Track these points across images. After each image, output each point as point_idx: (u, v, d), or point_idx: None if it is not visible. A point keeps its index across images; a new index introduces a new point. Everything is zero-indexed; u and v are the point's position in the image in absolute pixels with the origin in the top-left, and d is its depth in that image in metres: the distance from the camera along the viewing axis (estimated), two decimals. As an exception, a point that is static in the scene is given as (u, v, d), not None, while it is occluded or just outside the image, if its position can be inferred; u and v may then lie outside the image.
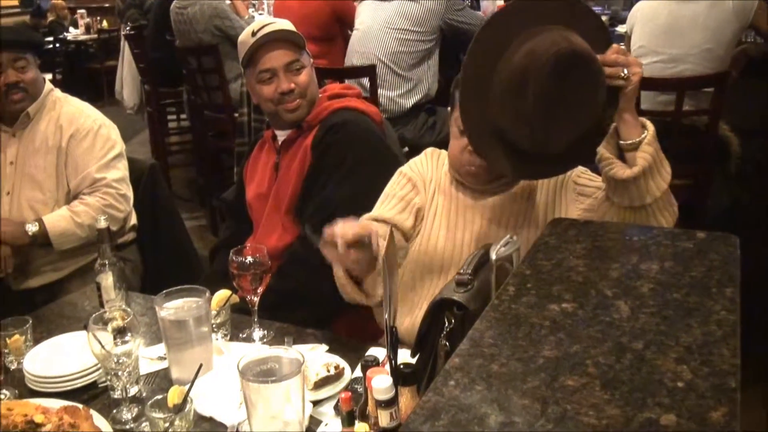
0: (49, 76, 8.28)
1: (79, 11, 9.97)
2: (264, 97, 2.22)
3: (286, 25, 2.24)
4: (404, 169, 1.96)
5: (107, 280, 1.86)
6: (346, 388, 1.54)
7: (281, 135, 2.30)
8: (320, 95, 2.30)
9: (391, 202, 1.90)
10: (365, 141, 2.20)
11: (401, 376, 1.29)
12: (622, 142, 1.58)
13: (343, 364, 1.60)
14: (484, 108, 1.57)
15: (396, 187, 1.92)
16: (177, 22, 4.76)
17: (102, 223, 1.86)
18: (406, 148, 3.46)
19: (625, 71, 1.53)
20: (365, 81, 3.67)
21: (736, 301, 1.01)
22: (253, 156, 2.42)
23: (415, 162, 1.97)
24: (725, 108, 3.04)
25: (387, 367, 1.36)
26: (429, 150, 1.99)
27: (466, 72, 1.60)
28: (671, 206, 1.63)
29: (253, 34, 2.19)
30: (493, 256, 1.33)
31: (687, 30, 3.30)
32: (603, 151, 1.59)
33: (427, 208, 1.89)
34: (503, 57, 1.53)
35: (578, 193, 1.78)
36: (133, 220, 2.69)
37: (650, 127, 1.58)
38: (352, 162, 2.14)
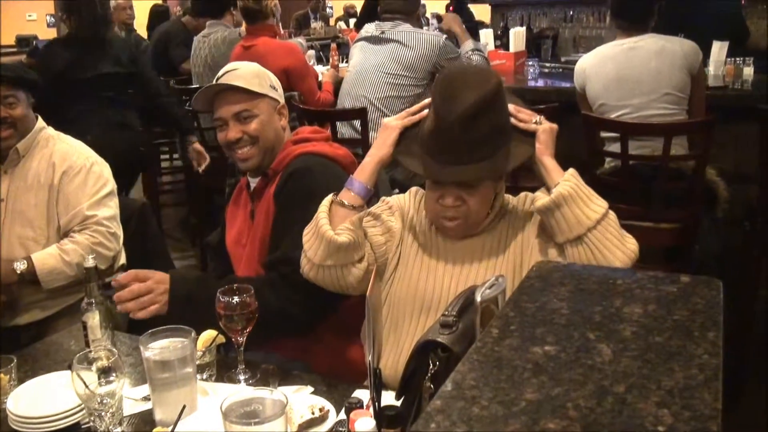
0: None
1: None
2: (221, 143, 2.20)
3: (246, 72, 2.17)
4: (386, 198, 2.01)
5: (93, 319, 1.85)
6: (330, 431, 1.53)
7: (252, 182, 2.25)
8: (288, 139, 2.24)
9: (366, 218, 1.90)
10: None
11: (385, 419, 1.29)
12: (551, 189, 1.71)
13: (328, 406, 1.59)
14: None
15: (373, 208, 1.95)
16: (197, 49, 4.81)
17: (90, 262, 1.86)
18: (396, 190, 3.47)
19: (537, 118, 1.77)
20: (357, 123, 3.70)
21: (718, 344, 1.01)
22: (233, 200, 2.37)
23: (398, 197, 2.01)
24: (712, 153, 3.07)
25: (371, 409, 1.35)
26: (413, 189, 2.00)
27: None
28: (622, 243, 1.67)
29: (217, 79, 2.16)
30: (478, 298, 1.34)
31: (641, 78, 3.29)
32: (537, 196, 1.75)
33: (407, 243, 1.90)
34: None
35: (549, 235, 1.78)
36: (123, 259, 2.68)
37: (571, 170, 1.72)
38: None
